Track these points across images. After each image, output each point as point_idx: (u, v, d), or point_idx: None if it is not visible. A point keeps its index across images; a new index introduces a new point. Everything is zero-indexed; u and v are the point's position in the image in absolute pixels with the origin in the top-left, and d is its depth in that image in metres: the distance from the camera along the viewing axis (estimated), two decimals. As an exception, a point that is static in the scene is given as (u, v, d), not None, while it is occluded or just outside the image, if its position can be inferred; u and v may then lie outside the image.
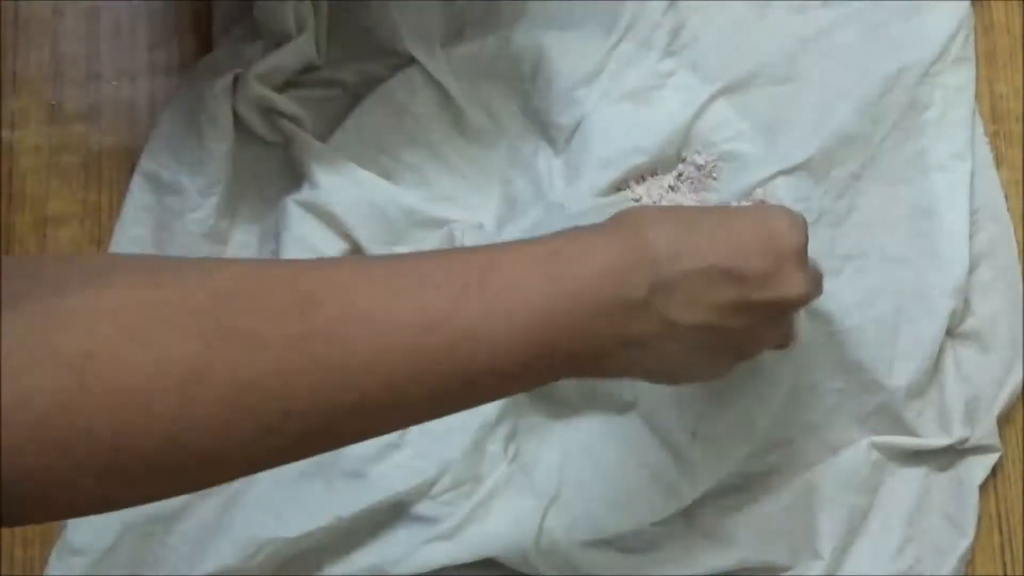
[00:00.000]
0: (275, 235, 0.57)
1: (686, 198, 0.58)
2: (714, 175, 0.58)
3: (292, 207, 0.57)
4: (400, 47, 0.58)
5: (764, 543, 0.56)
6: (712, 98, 0.59)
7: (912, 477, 0.57)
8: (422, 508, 0.55)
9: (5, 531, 0.57)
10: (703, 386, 0.56)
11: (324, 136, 0.59)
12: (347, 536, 0.54)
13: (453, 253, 0.43)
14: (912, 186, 0.59)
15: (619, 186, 0.58)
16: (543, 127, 0.59)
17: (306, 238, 0.57)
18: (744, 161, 0.58)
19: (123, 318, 0.33)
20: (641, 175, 0.58)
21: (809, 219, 0.57)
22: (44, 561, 0.55)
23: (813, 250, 0.57)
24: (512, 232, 0.57)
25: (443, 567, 0.55)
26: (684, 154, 0.59)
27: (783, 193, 0.58)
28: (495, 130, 0.60)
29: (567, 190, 0.57)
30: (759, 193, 0.58)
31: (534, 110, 0.60)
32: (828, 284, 0.57)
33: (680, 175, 0.59)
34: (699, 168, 0.58)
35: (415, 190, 0.59)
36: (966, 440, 0.57)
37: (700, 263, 0.43)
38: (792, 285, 0.45)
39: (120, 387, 0.32)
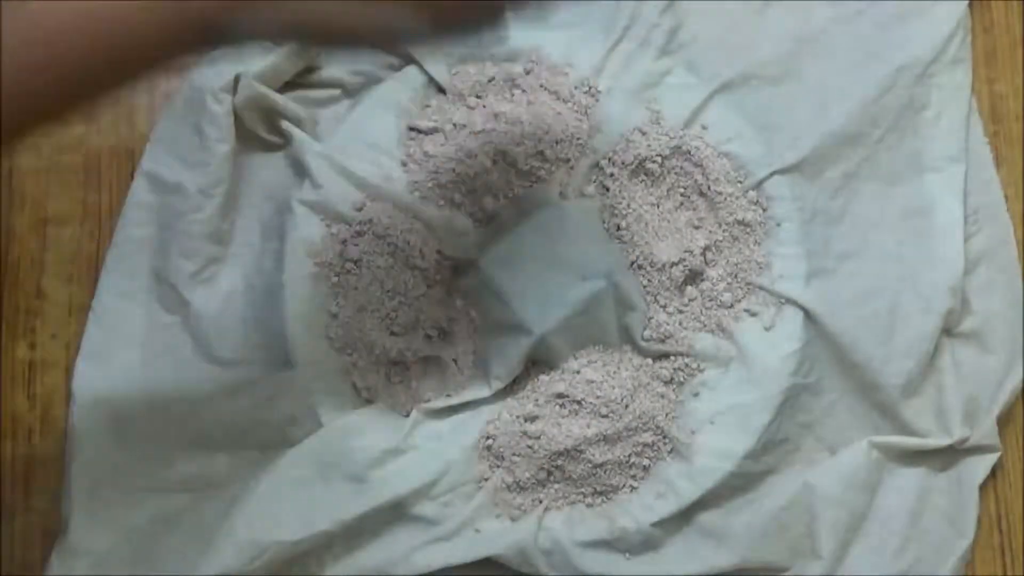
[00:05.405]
0: (279, 235, 0.57)
1: (673, 203, 0.58)
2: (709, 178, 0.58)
3: (298, 208, 0.57)
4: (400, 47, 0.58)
5: (764, 543, 0.56)
6: (709, 97, 0.59)
7: (912, 477, 0.57)
8: (422, 509, 0.55)
9: (5, 531, 0.57)
10: (705, 390, 0.56)
11: (324, 136, 0.59)
12: (348, 538, 0.54)
13: None
14: (907, 186, 0.59)
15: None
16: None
17: (312, 238, 0.57)
18: (740, 160, 0.58)
19: None
20: (629, 175, 0.59)
21: (804, 218, 0.58)
22: (44, 561, 0.55)
23: (808, 249, 0.57)
24: (514, 232, 0.57)
25: (443, 567, 0.55)
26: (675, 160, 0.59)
27: (779, 192, 0.58)
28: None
29: (564, 188, 0.57)
30: (753, 195, 0.58)
31: (534, 110, 0.60)
32: (824, 283, 0.57)
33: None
34: (696, 166, 0.59)
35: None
36: (966, 440, 0.57)
37: None
38: None
39: None
